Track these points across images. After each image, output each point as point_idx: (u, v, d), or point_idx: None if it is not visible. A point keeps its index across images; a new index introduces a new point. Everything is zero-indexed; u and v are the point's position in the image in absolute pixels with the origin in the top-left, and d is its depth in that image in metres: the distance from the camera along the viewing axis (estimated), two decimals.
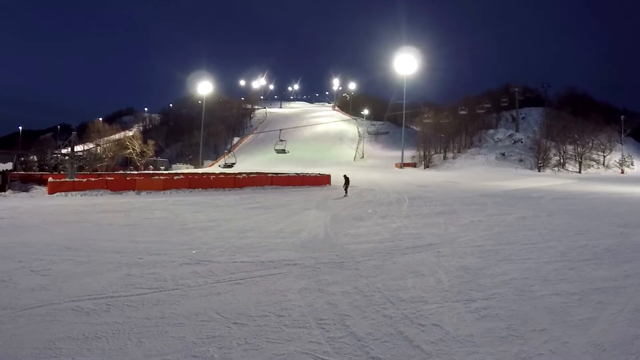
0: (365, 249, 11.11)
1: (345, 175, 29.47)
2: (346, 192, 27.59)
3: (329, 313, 6.51)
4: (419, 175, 54.95)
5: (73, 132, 38.59)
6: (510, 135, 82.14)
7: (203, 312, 6.48)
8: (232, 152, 53.52)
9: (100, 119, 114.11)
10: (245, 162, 69.54)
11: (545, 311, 6.64)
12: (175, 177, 32.57)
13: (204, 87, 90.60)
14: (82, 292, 7.34)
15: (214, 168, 72.22)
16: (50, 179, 28.55)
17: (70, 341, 5.47)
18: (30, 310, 6.48)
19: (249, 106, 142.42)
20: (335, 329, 5.90)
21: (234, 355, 5.16)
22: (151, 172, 61.47)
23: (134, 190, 27.96)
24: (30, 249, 10.71)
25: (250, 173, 39.88)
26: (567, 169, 68.65)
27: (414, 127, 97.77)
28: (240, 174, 38.08)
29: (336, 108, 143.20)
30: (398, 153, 77.01)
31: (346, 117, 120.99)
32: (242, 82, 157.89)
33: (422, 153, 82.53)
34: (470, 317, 6.37)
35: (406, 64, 73.36)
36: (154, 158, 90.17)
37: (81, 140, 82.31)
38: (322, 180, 37.45)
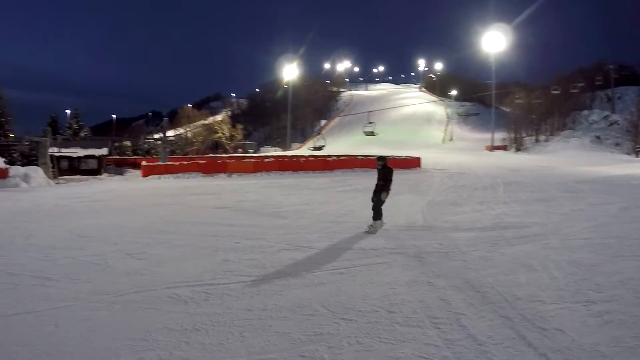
0: (468, 237, 10.17)
1: (381, 160, 10.89)
2: (377, 219, 10.66)
3: (442, 310, 5.72)
4: (511, 159, 52.62)
5: (165, 118, 40.18)
6: (606, 117, 75.17)
7: (308, 304, 5.88)
8: (321, 134, 53.13)
9: (190, 105, 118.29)
10: (333, 145, 68.82)
11: None
12: (266, 160, 32.75)
13: (290, 71, 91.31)
14: (178, 277, 6.99)
15: (302, 150, 72.68)
16: (143, 163, 29.68)
17: (167, 333, 5.03)
18: (126, 296, 6.17)
19: (335, 89, 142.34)
20: (451, 330, 5.12)
21: (346, 357, 4.50)
22: (241, 154, 62.83)
23: (225, 172, 28.34)
24: (126, 231, 10.72)
25: (340, 155, 39.38)
26: None
27: (504, 108, 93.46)
28: (329, 156, 37.72)
29: (423, 89, 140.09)
30: (487, 135, 74.12)
31: (433, 98, 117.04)
32: (327, 65, 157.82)
33: (513, 135, 78.97)
34: (594, 322, 5.39)
35: (495, 41, 70.00)
36: (243, 141, 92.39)
37: (172, 126, 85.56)
38: (412, 162, 36.31)
